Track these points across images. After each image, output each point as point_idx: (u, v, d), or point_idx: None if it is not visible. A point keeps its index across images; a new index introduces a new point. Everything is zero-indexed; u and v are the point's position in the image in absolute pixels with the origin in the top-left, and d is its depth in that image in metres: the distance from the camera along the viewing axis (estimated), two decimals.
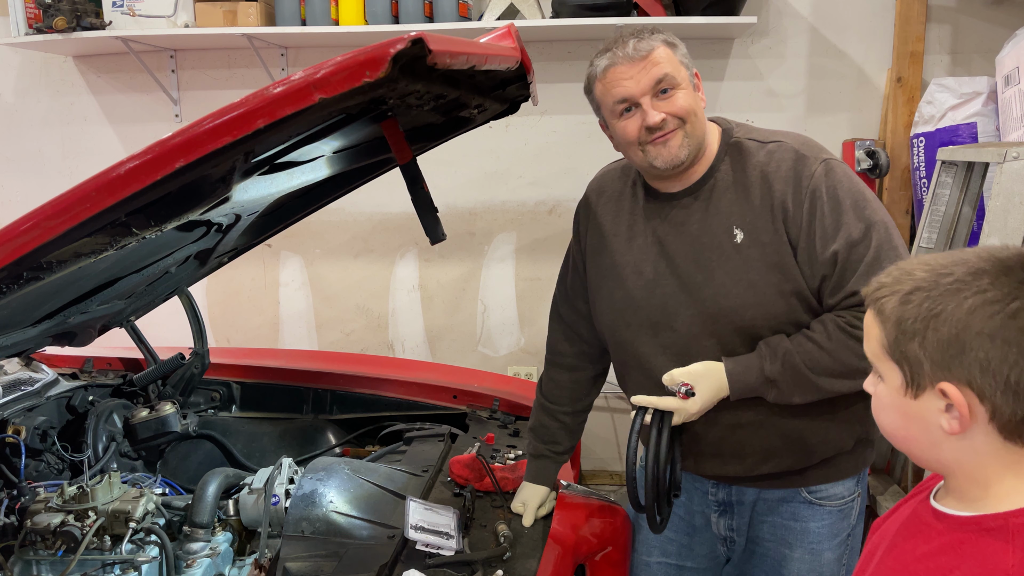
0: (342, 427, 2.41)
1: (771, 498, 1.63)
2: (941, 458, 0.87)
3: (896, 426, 0.90)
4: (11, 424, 1.94)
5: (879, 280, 0.90)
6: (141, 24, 3.14)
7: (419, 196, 1.62)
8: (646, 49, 1.46)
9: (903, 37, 3.10)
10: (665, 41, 1.49)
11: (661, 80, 1.46)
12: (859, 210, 1.46)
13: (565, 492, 1.77)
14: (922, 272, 0.85)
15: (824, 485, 1.60)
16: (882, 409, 0.92)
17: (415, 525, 1.50)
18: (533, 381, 3.05)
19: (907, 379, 0.86)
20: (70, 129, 3.63)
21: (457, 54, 1.19)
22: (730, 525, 1.69)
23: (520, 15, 3.11)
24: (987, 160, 2.28)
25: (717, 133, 1.58)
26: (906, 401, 0.87)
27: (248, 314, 3.71)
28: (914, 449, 0.91)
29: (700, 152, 1.53)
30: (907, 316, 0.84)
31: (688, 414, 1.45)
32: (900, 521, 0.98)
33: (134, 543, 1.60)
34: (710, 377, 1.47)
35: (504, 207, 3.48)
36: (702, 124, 1.52)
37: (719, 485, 1.67)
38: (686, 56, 1.51)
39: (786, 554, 1.63)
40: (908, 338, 0.84)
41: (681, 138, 1.49)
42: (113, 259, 1.46)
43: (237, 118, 1.10)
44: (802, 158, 1.49)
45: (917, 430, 0.87)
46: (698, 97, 1.51)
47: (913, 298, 0.84)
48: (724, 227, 1.51)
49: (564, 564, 1.57)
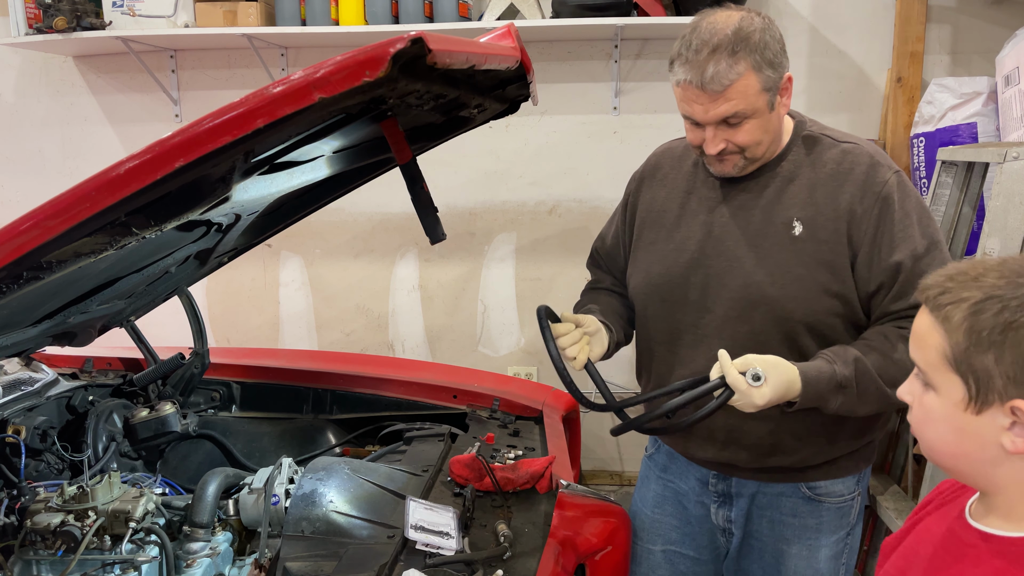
0: (342, 427, 2.41)
1: (771, 492, 1.63)
2: (995, 476, 0.82)
3: (946, 441, 0.84)
4: (11, 424, 1.94)
5: (941, 283, 0.83)
6: (141, 24, 3.14)
7: (419, 196, 1.62)
8: (725, 82, 1.38)
9: (903, 37, 3.10)
10: (753, 65, 1.38)
11: (730, 116, 1.42)
12: (923, 226, 1.46)
13: (565, 492, 1.77)
14: (994, 279, 0.79)
15: (824, 482, 1.60)
16: (929, 423, 0.86)
17: (415, 525, 1.50)
18: (533, 381, 3.06)
19: (971, 394, 0.80)
20: (70, 129, 3.63)
21: (457, 54, 1.19)
22: (728, 517, 1.69)
23: (520, 15, 3.11)
24: (987, 160, 2.28)
25: (790, 123, 1.56)
26: (965, 416, 0.81)
27: (248, 314, 3.71)
28: (963, 466, 0.85)
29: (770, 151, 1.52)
30: (981, 327, 0.78)
31: (751, 404, 1.35)
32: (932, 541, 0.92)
33: (134, 543, 1.60)
34: (782, 372, 1.37)
35: (504, 207, 3.48)
36: (766, 145, 1.49)
37: (720, 476, 1.67)
38: (773, 72, 1.41)
39: (783, 549, 1.64)
40: (982, 350, 0.78)
41: (738, 159, 1.49)
42: (113, 259, 1.46)
43: (237, 118, 1.10)
44: (876, 164, 1.49)
45: (972, 447, 0.82)
46: (772, 118, 1.45)
47: (988, 307, 0.78)
48: (784, 217, 1.50)
49: (564, 564, 1.57)
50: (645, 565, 1.80)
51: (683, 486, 1.74)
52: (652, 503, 1.80)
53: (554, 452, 2.00)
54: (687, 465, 1.72)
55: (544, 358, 3.55)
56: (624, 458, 3.59)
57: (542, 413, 2.27)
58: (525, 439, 2.10)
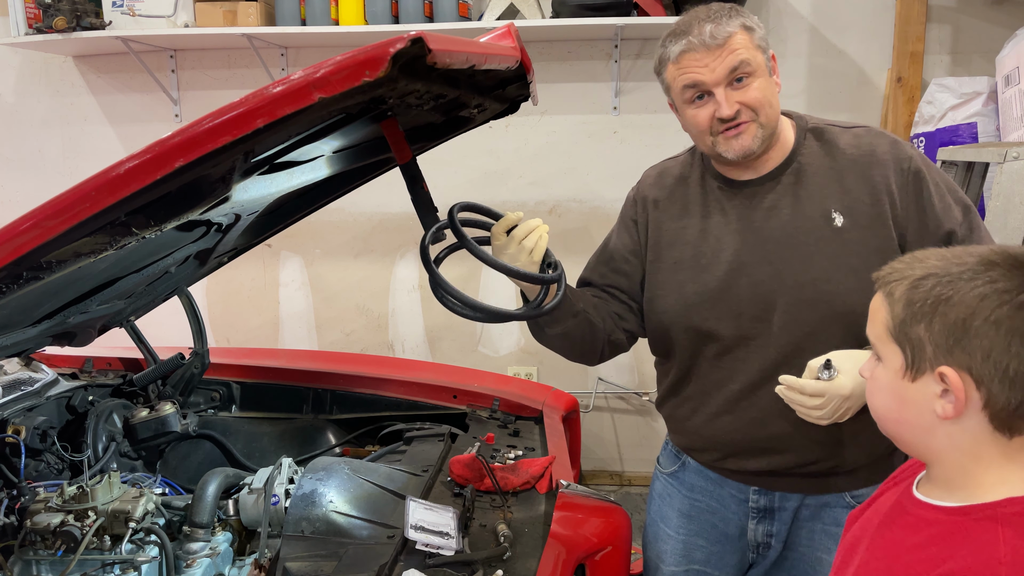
0: (342, 427, 2.41)
1: (814, 504, 1.57)
2: (931, 444, 0.89)
3: (889, 408, 0.92)
4: (11, 424, 1.94)
5: (892, 265, 0.92)
6: (141, 24, 3.14)
7: (419, 196, 1.62)
8: (724, 35, 1.40)
9: (903, 37, 3.10)
10: (744, 25, 1.42)
11: (736, 68, 1.40)
12: (954, 193, 1.47)
13: (565, 492, 1.77)
14: (935, 260, 0.87)
15: (866, 489, 1.53)
16: (877, 392, 0.93)
17: (415, 525, 1.50)
18: (533, 381, 3.06)
19: (908, 361, 0.87)
20: (70, 129, 3.63)
21: (457, 53, 1.19)
22: (768, 531, 1.62)
23: (520, 15, 3.11)
24: (987, 160, 2.28)
25: (787, 120, 1.55)
26: (903, 384, 0.88)
27: (248, 314, 3.71)
28: (905, 433, 0.92)
29: (773, 140, 1.49)
30: (916, 299, 0.86)
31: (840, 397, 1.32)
32: (882, 511, 0.98)
33: (134, 543, 1.60)
34: (855, 359, 1.34)
35: (504, 207, 3.45)
36: (776, 113, 1.46)
37: (761, 491, 1.60)
38: (764, 39, 1.45)
39: (822, 558, 1.57)
40: (915, 320, 0.85)
41: (755, 129, 1.44)
42: (113, 259, 1.46)
43: (237, 118, 1.10)
44: (896, 142, 1.49)
45: (911, 414, 0.89)
46: (773, 83, 1.46)
47: (924, 283, 0.86)
48: (821, 211, 1.46)
49: (564, 564, 1.57)
50: None
51: (715, 504, 1.67)
52: (677, 524, 1.71)
53: (554, 452, 1.99)
54: (721, 482, 1.64)
55: (544, 358, 3.56)
56: (624, 458, 3.59)
57: (542, 413, 2.27)
58: (525, 439, 2.10)
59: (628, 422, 3.54)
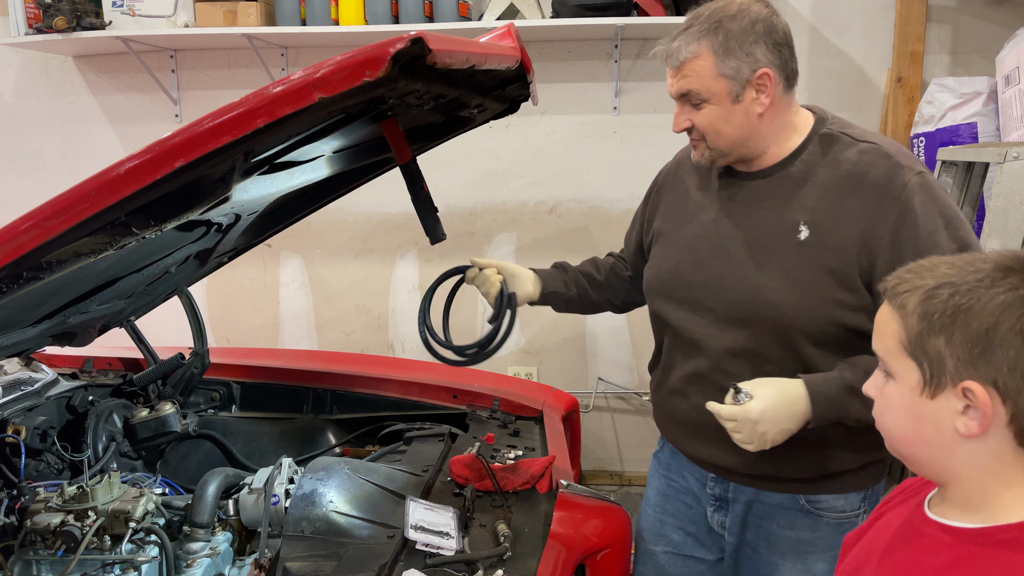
0: (342, 427, 2.40)
1: (768, 502, 1.57)
2: (949, 464, 0.83)
3: (904, 428, 0.86)
4: (11, 424, 1.93)
5: (899, 275, 0.86)
6: (141, 24, 3.14)
7: (419, 196, 1.62)
8: (681, 59, 1.42)
9: (903, 37, 3.10)
10: (713, 48, 1.39)
11: (686, 94, 1.44)
12: (952, 230, 1.36)
13: (565, 492, 1.77)
14: (947, 268, 0.82)
15: (826, 496, 1.53)
16: (889, 411, 0.88)
17: (415, 525, 1.50)
18: (533, 381, 3.06)
19: (926, 377, 0.82)
20: (70, 129, 3.63)
21: (457, 53, 1.19)
22: (722, 522, 1.65)
23: (520, 15, 3.11)
24: (987, 160, 2.28)
25: (810, 120, 1.51)
26: (921, 401, 0.83)
27: (248, 314, 3.71)
28: (921, 453, 0.86)
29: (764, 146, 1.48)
30: (933, 310, 0.80)
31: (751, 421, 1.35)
32: (888, 533, 0.94)
33: (134, 543, 1.60)
34: (774, 384, 1.37)
35: (504, 207, 3.48)
36: (732, 138, 1.45)
37: (717, 479, 1.63)
38: (740, 59, 1.39)
39: (777, 563, 1.58)
40: (934, 333, 0.80)
41: (703, 149, 1.49)
42: (113, 259, 1.46)
43: (237, 118, 1.10)
44: (897, 166, 1.39)
45: (929, 432, 0.83)
46: (734, 112, 1.42)
47: (940, 293, 0.81)
48: (792, 220, 1.45)
49: (564, 564, 1.57)
50: (649, 567, 1.76)
51: (685, 484, 1.71)
52: (655, 502, 1.78)
53: (554, 452, 1.99)
54: (688, 464, 1.69)
55: (544, 358, 3.57)
56: (624, 458, 3.59)
57: (542, 413, 2.27)
58: (525, 439, 2.10)
59: (628, 422, 3.54)
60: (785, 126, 1.49)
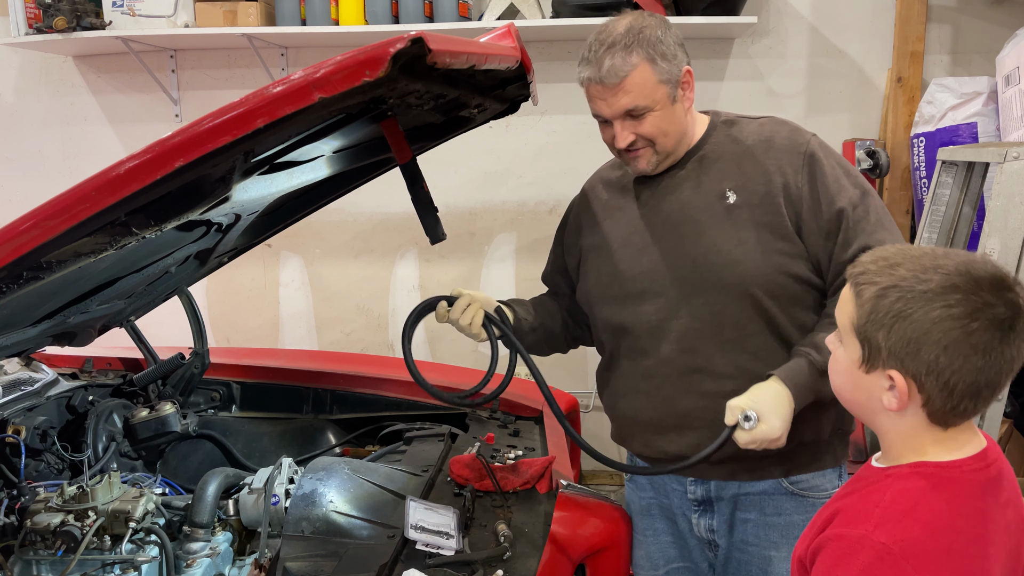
0: (342, 427, 2.40)
1: (753, 491, 1.59)
2: (876, 423, 1.04)
3: (845, 388, 1.06)
4: (11, 424, 1.93)
5: (864, 263, 1.02)
6: (141, 24, 3.14)
7: (419, 196, 1.62)
8: (621, 74, 1.46)
9: (903, 37, 3.10)
10: (647, 58, 1.47)
11: (631, 109, 1.49)
12: (852, 177, 1.54)
13: (565, 492, 1.77)
14: (905, 270, 0.97)
15: (805, 475, 1.58)
16: (837, 370, 1.07)
17: (415, 525, 1.50)
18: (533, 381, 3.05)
19: (864, 356, 0.99)
20: (70, 129, 3.63)
21: (457, 53, 1.19)
22: (710, 526, 1.64)
23: (520, 15, 3.11)
24: (987, 160, 2.29)
25: (705, 121, 1.63)
26: (859, 373, 1.01)
27: (248, 314, 3.71)
28: (855, 410, 1.08)
29: (682, 143, 1.58)
30: (880, 309, 0.97)
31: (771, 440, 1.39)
32: None
33: (134, 543, 1.60)
34: (768, 396, 1.40)
35: (504, 207, 3.48)
36: (675, 137, 1.56)
37: (698, 482, 1.63)
38: (670, 69, 1.49)
39: (771, 556, 1.58)
40: (875, 327, 0.97)
41: (650, 155, 1.56)
42: (113, 259, 1.46)
43: (237, 117, 1.11)
44: (796, 129, 1.58)
45: (862, 397, 1.03)
46: (674, 112, 1.52)
47: (890, 294, 0.96)
48: (717, 191, 1.55)
49: (564, 564, 1.57)
50: None
51: (664, 500, 1.71)
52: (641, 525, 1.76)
53: (554, 452, 2.00)
54: (665, 477, 1.68)
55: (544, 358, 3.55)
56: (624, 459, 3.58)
57: (542, 413, 2.27)
58: (525, 439, 2.10)
59: None
60: (694, 118, 1.61)
